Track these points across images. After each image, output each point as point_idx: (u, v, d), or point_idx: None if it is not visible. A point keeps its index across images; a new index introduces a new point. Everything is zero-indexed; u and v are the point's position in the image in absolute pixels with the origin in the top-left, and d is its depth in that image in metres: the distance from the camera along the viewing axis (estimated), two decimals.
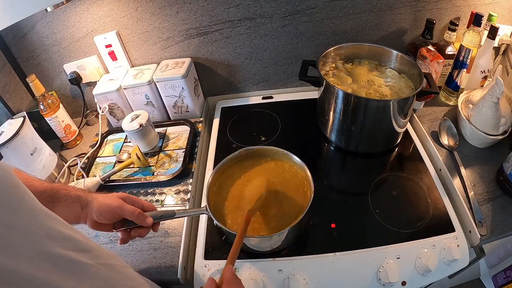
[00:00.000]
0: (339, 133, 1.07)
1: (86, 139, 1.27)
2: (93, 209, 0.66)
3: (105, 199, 0.68)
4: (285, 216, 0.78)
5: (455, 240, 0.82)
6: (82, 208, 0.67)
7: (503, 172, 0.90)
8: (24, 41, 1.18)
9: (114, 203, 0.67)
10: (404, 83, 1.04)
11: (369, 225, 0.87)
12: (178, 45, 1.22)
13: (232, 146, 1.14)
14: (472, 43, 1.04)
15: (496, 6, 1.16)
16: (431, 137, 1.07)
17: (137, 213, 0.68)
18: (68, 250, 0.42)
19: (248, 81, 1.34)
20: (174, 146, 1.14)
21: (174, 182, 1.02)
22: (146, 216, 0.69)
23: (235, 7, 1.14)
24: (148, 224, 0.70)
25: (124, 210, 0.67)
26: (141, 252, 0.87)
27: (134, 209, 0.68)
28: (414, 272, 0.80)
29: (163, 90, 1.18)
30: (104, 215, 0.66)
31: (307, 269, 0.80)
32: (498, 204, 0.89)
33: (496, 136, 0.98)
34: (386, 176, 1.00)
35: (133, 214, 0.68)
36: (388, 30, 1.22)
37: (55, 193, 0.64)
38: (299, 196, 0.82)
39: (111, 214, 0.67)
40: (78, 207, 0.66)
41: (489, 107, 0.96)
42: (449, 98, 1.18)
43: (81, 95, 1.30)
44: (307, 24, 1.19)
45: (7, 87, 1.18)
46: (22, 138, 0.99)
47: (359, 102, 0.95)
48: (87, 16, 1.14)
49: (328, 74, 1.10)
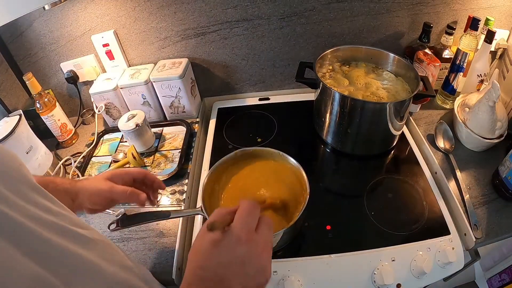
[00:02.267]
0: (335, 135, 1.07)
1: (82, 138, 1.27)
2: (84, 199, 0.64)
3: (93, 185, 0.65)
4: (280, 218, 0.78)
5: (450, 243, 0.82)
6: (73, 201, 0.64)
7: (499, 175, 0.90)
8: (21, 39, 1.18)
9: (103, 187, 0.64)
10: (400, 86, 1.05)
11: (364, 227, 0.87)
12: (176, 45, 1.22)
13: (228, 147, 1.14)
14: (469, 47, 1.04)
15: (493, 10, 1.17)
16: (427, 140, 1.07)
17: (129, 192, 0.65)
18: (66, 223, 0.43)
19: (245, 82, 1.34)
20: (170, 147, 1.14)
21: (169, 182, 1.02)
22: (138, 193, 0.66)
23: (233, 8, 1.14)
24: (142, 201, 0.66)
25: (115, 193, 0.64)
26: (136, 252, 0.87)
27: (124, 190, 0.65)
28: (409, 275, 0.80)
29: (160, 90, 1.18)
30: (96, 202, 0.64)
31: (302, 271, 0.80)
32: (493, 207, 0.89)
33: (491, 139, 0.99)
34: (382, 179, 1.00)
35: (124, 196, 0.65)
36: (385, 33, 1.22)
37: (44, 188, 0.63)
38: (295, 197, 0.81)
39: (103, 200, 0.64)
40: (69, 200, 0.64)
41: (485, 111, 0.97)
42: (446, 101, 1.18)
43: (78, 94, 1.30)
44: (305, 26, 1.19)
45: (3, 85, 1.17)
46: (18, 136, 0.99)
47: (356, 104, 0.96)
48: (84, 14, 1.14)
49: (325, 76, 1.10)
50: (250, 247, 0.45)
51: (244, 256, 0.45)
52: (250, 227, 0.47)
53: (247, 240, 0.45)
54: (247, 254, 0.45)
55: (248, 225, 0.47)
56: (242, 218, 0.47)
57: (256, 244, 0.46)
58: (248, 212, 0.48)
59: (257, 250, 0.46)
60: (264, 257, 0.47)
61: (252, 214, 0.48)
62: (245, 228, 0.46)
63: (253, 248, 0.46)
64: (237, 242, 0.45)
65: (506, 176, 0.87)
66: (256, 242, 0.46)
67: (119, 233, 0.91)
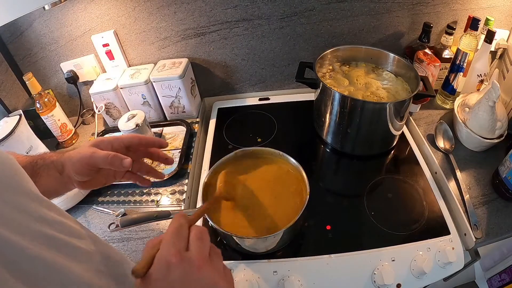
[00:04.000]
0: (335, 135, 1.07)
1: (82, 138, 1.27)
2: (70, 169, 0.58)
3: (76, 152, 0.59)
4: (280, 218, 0.78)
5: (450, 243, 0.83)
6: (60, 173, 0.59)
7: (499, 175, 0.90)
8: (21, 39, 1.18)
9: (85, 153, 0.57)
10: (400, 86, 1.05)
11: (364, 227, 0.87)
12: (176, 45, 1.22)
13: (228, 147, 1.14)
14: (469, 47, 1.04)
15: (493, 10, 1.17)
16: (427, 140, 1.07)
17: (111, 157, 0.56)
18: (64, 234, 0.41)
19: (245, 82, 1.34)
20: (170, 147, 1.14)
21: (169, 182, 1.02)
22: (122, 158, 0.57)
23: (233, 8, 1.14)
24: (127, 165, 0.57)
25: (95, 158, 0.56)
26: (135, 252, 0.87)
27: (106, 154, 0.57)
28: (409, 275, 0.80)
29: (160, 90, 1.18)
30: (80, 171, 0.58)
31: (302, 271, 0.80)
32: (493, 207, 0.89)
33: (491, 139, 0.99)
34: (382, 179, 1.00)
35: (106, 160, 0.56)
36: (385, 33, 1.22)
37: (34, 166, 0.59)
38: (295, 197, 0.81)
39: (86, 168, 0.57)
40: (56, 172, 0.59)
41: (485, 111, 0.97)
42: (446, 101, 1.18)
43: (78, 94, 1.30)
44: (305, 26, 1.19)
45: (3, 85, 1.17)
46: (18, 137, 0.99)
47: (356, 104, 0.96)
48: (84, 15, 1.14)
49: (325, 76, 1.10)
50: (184, 267, 0.40)
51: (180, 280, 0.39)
52: (177, 245, 0.41)
53: (177, 261, 0.40)
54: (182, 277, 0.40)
55: (174, 244, 0.42)
56: (164, 241, 0.42)
57: (189, 261, 0.41)
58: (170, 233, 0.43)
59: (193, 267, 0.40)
60: (206, 271, 0.41)
61: (176, 233, 0.43)
62: (170, 248, 0.41)
63: (188, 267, 0.40)
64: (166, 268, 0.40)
65: (506, 176, 0.87)
66: (189, 259, 0.41)
67: (119, 233, 0.91)
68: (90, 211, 0.98)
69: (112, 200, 1.00)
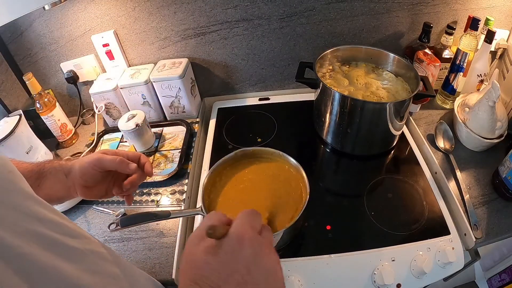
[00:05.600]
0: (335, 135, 1.07)
1: (82, 138, 1.27)
2: (76, 172, 0.64)
3: (86, 157, 0.65)
4: (280, 218, 0.78)
5: (450, 243, 0.82)
6: (66, 176, 0.64)
7: (499, 175, 0.90)
8: (21, 39, 1.18)
9: (93, 156, 0.64)
10: (400, 86, 1.05)
11: (364, 227, 0.87)
12: (176, 45, 1.22)
13: (228, 147, 1.14)
14: (469, 47, 1.04)
15: (493, 10, 1.17)
16: (427, 140, 1.07)
17: (118, 160, 0.64)
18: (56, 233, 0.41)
19: (245, 82, 1.34)
20: (170, 147, 1.14)
21: (169, 182, 1.02)
22: (128, 163, 0.65)
23: (233, 8, 1.14)
24: (132, 170, 0.65)
25: (104, 160, 0.64)
26: (135, 252, 0.87)
27: (114, 158, 0.64)
28: (409, 275, 0.80)
29: (160, 90, 1.18)
30: (87, 172, 0.63)
31: (302, 271, 0.80)
32: (494, 207, 0.89)
33: (491, 139, 0.99)
34: (382, 179, 1.00)
35: (113, 163, 0.64)
36: (385, 33, 1.22)
37: (41, 168, 0.63)
38: (295, 197, 0.81)
39: (93, 169, 0.63)
40: (62, 175, 0.64)
41: (485, 111, 0.97)
42: (446, 101, 1.18)
43: (78, 94, 1.30)
44: (305, 26, 1.19)
45: (3, 85, 1.17)
46: (18, 137, 0.99)
47: (356, 104, 0.96)
48: (84, 15, 1.14)
49: (325, 76, 1.10)
50: (254, 248, 0.40)
51: (248, 258, 0.39)
52: (254, 225, 0.42)
53: (251, 239, 0.40)
54: (251, 256, 0.39)
55: (251, 223, 0.42)
56: (243, 217, 0.43)
57: (261, 243, 0.41)
58: (249, 213, 0.44)
59: (264, 250, 0.41)
60: (272, 258, 0.42)
61: (254, 214, 0.45)
62: (247, 226, 0.42)
63: (258, 248, 0.40)
64: (239, 243, 0.40)
65: (506, 176, 0.87)
66: (261, 242, 0.41)
67: (119, 233, 0.91)
68: (90, 211, 0.98)
69: (112, 200, 1.00)
